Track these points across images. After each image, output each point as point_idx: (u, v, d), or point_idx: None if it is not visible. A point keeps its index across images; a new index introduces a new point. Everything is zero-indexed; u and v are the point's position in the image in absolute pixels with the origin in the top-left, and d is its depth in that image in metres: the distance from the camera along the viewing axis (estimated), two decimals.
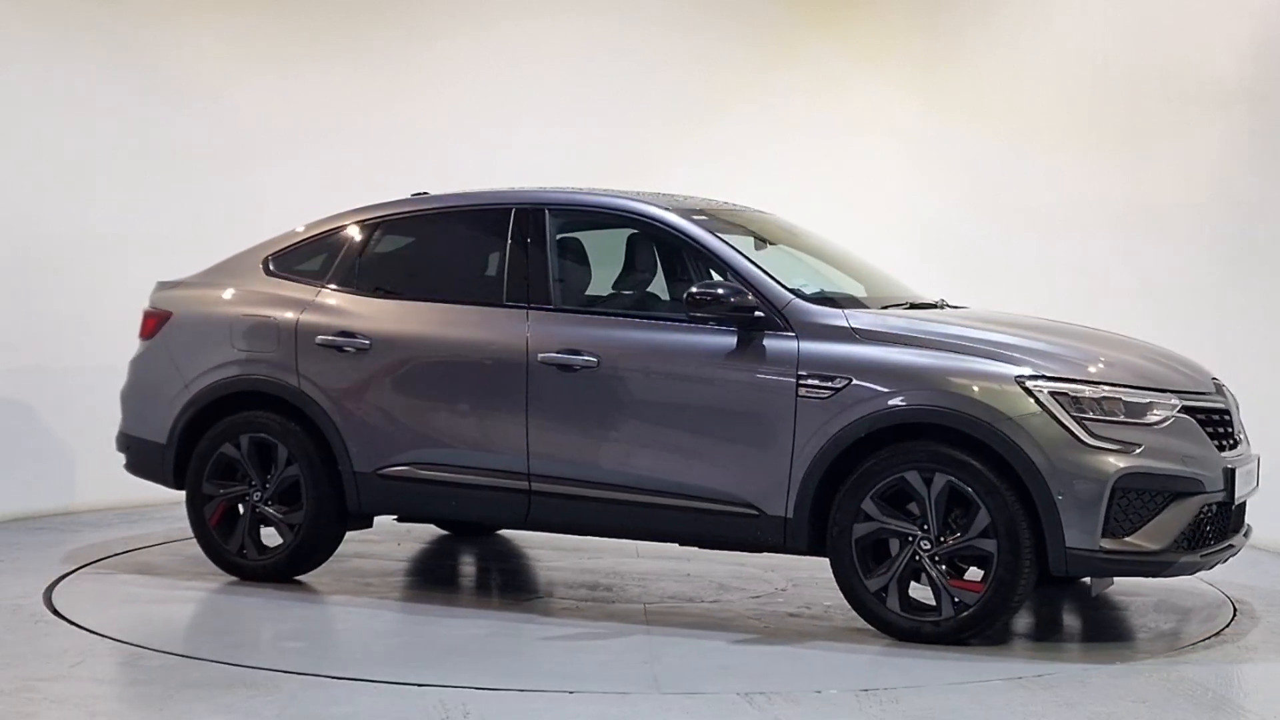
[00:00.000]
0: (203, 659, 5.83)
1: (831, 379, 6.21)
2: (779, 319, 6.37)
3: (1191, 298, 9.02)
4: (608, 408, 6.56)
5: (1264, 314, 8.69)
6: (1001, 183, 10.21)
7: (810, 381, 6.24)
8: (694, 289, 6.39)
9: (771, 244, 7.24)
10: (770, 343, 6.34)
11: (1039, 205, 9.93)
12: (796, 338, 6.32)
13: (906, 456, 6.10)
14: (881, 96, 10.95)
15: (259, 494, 7.20)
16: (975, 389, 6.03)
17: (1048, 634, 6.69)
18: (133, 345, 7.69)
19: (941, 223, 10.52)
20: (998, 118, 10.21)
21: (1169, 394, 6.15)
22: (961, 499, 6.04)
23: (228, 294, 7.44)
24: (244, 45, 10.05)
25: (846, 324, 6.32)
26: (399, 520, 7.45)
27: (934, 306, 7.01)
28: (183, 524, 8.66)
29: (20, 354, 9.20)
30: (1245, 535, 6.52)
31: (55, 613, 6.59)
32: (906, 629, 6.12)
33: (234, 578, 7.28)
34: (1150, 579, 6.55)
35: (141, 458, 7.57)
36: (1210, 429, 6.21)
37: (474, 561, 8.19)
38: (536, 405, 6.66)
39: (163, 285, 7.73)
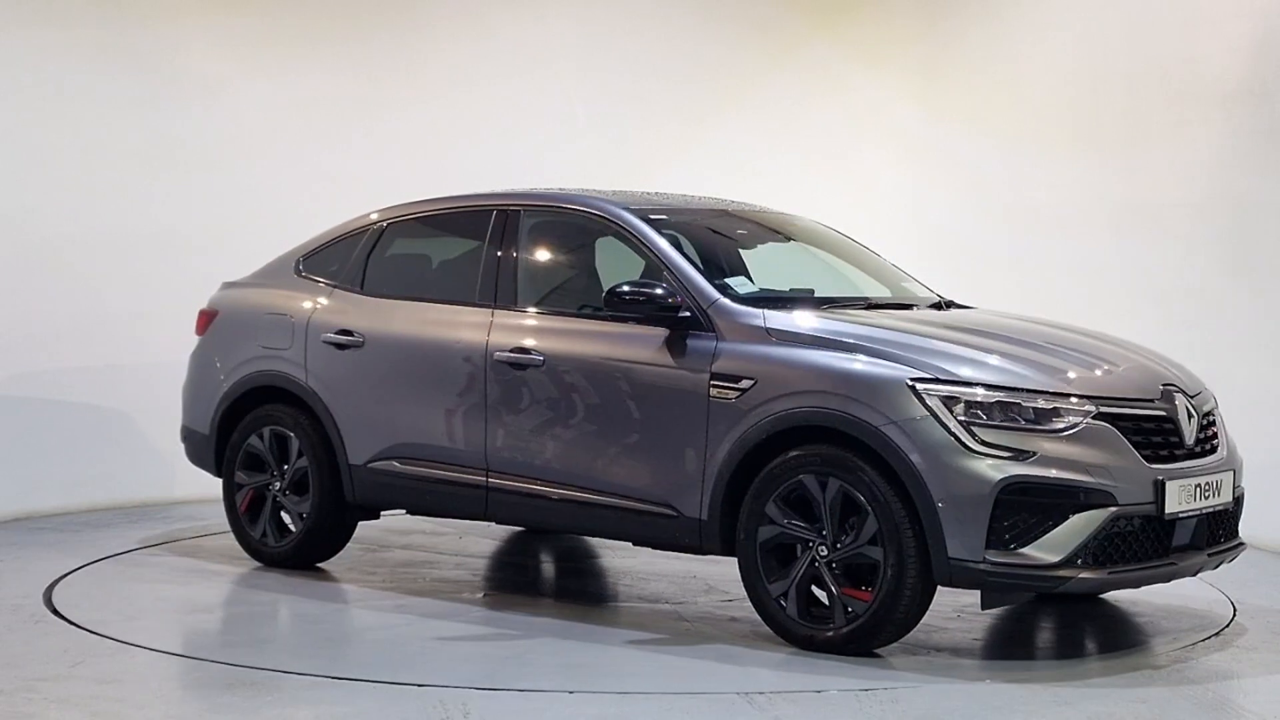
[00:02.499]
0: (203, 659, 5.84)
1: (739, 380, 6.14)
2: (703, 319, 6.31)
3: (1190, 298, 9.01)
4: (551, 406, 6.62)
5: (1263, 314, 8.68)
6: (1001, 183, 10.21)
7: (721, 382, 6.17)
8: (623, 287, 6.36)
9: (788, 241, 7.27)
10: (692, 342, 6.28)
11: (1039, 205, 9.92)
12: (716, 338, 6.27)
13: (803, 461, 5.98)
14: (881, 97, 10.95)
15: (278, 484, 7.47)
16: (864, 391, 5.87)
17: (1047, 635, 6.69)
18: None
19: (941, 223, 10.51)
20: (998, 118, 10.21)
21: (1084, 400, 5.81)
22: (857, 505, 5.88)
23: (261, 293, 7.78)
24: (244, 46, 10.04)
25: (762, 324, 6.22)
26: (410, 513, 7.52)
27: (908, 307, 6.87)
28: (183, 524, 8.72)
29: (20, 354, 9.19)
30: (1227, 551, 6.23)
31: (55, 613, 6.59)
32: (803, 636, 5.97)
33: (233, 578, 7.35)
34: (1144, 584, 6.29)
35: (194, 448, 7.93)
36: (1140, 438, 5.87)
37: (503, 561, 8.15)
38: (493, 402, 6.76)
39: (225, 285, 8.05)
